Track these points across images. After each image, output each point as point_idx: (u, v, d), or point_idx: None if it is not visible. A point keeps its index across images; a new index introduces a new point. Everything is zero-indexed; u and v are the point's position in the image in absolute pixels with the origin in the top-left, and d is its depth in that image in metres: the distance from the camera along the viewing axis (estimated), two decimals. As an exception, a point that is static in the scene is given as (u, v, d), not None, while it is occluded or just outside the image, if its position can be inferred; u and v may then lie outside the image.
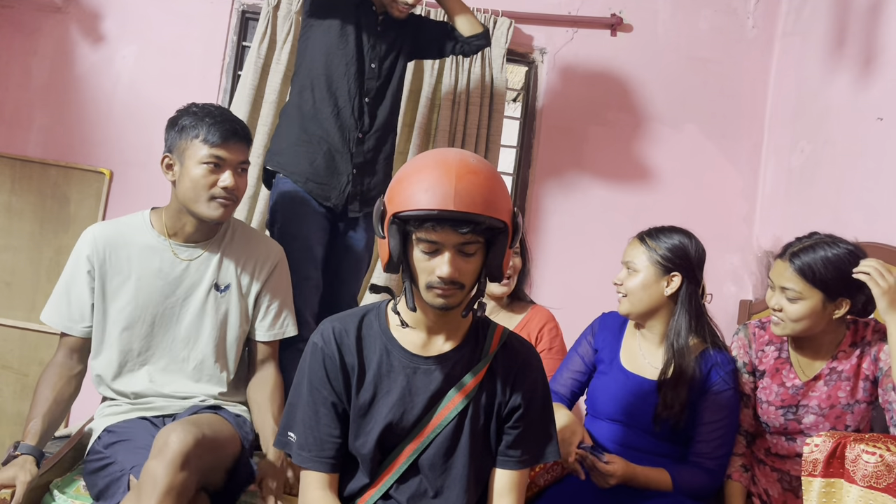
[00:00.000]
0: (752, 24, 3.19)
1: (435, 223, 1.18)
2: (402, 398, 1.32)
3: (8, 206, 2.86)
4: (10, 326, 2.84)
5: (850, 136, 2.64)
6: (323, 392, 1.32)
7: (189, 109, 1.72)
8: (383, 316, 1.37)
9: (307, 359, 1.35)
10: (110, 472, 1.53)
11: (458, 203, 1.17)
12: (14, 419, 2.82)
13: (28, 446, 1.57)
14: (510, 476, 1.35)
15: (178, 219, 1.74)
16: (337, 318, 1.37)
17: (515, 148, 3.17)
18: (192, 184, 1.68)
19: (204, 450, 1.41)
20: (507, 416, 1.36)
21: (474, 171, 1.21)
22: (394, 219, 1.22)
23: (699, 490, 1.70)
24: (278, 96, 2.82)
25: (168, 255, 1.74)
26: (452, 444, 1.33)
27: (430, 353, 1.33)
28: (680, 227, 1.85)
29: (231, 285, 1.78)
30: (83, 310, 1.72)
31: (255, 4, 2.97)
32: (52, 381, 1.69)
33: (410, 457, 1.32)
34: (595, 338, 1.93)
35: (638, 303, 1.79)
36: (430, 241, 1.21)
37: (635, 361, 1.84)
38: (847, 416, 1.74)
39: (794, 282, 1.68)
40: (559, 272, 3.09)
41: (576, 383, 1.93)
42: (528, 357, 1.39)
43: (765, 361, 1.84)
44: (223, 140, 1.67)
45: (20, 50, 2.89)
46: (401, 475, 1.33)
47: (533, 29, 3.09)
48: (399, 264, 1.25)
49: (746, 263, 3.13)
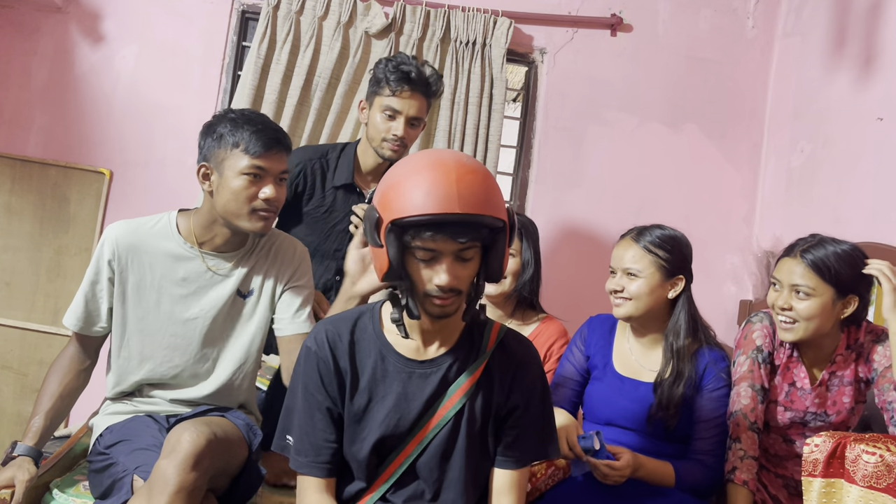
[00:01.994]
0: (752, 24, 3.19)
1: (435, 230, 1.14)
2: (398, 403, 1.30)
3: (8, 206, 2.86)
4: (10, 326, 2.84)
5: (850, 136, 2.64)
6: (318, 397, 1.31)
7: (227, 115, 1.63)
8: (377, 319, 1.35)
9: (301, 363, 1.33)
10: (112, 473, 1.52)
11: (462, 205, 1.13)
12: (14, 419, 2.82)
13: (25, 447, 1.57)
14: (510, 476, 1.34)
15: (210, 229, 1.67)
16: (330, 322, 1.35)
17: (515, 148, 3.17)
18: (234, 196, 1.59)
19: (215, 451, 1.40)
20: (505, 417, 1.34)
21: (472, 170, 1.18)
22: (391, 226, 1.18)
23: (700, 485, 1.71)
24: (278, 96, 2.83)
25: (195, 264, 1.68)
26: (449, 446, 1.31)
27: (426, 356, 1.32)
28: (665, 224, 1.83)
29: (254, 291, 1.72)
30: (101, 312, 1.69)
31: (255, 4, 2.97)
32: (60, 376, 1.69)
33: (407, 460, 1.31)
34: (585, 344, 1.91)
35: (643, 307, 1.76)
36: (427, 249, 1.18)
37: (629, 365, 1.84)
38: (851, 420, 1.77)
39: (808, 278, 1.66)
40: (559, 272, 3.09)
41: (573, 392, 1.90)
42: (527, 355, 1.37)
43: (780, 357, 1.80)
44: (266, 150, 1.58)
45: (20, 50, 2.89)
46: (398, 479, 1.32)
47: (533, 29, 3.09)
48: (399, 273, 1.21)
49: (746, 263, 3.13)
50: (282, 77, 2.83)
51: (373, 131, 2.05)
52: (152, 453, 1.46)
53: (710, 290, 3.05)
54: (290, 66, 2.86)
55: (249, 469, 1.57)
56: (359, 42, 2.90)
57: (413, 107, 2.02)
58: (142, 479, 1.45)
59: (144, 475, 1.44)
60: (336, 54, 2.87)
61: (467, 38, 2.95)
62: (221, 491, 1.55)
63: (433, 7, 2.93)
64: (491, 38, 2.97)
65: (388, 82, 1.99)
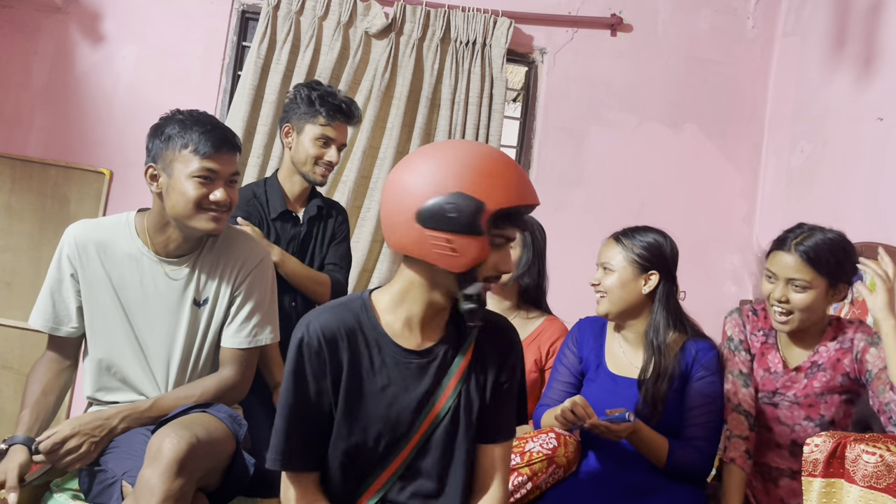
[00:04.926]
0: (752, 24, 3.20)
1: (523, 219, 1.28)
2: (396, 395, 1.29)
3: (8, 206, 2.86)
4: (10, 326, 2.84)
5: (850, 136, 2.64)
6: (307, 390, 1.27)
7: (174, 117, 1.61)
8: (370, 308, 1.32)
9: (292, 355, 1.29)
10: (102, 480, 1.51)
11: (536, 196, 1.27)
12: (14, 419, 2.81)
13: (17, 437, 1.55)
14: (499, 449, 1.36)
15: (163, 231, 1.64)
16: (321, 311, 1.32)
17: (515, 148, 3.18)
18: (183, 198, 1.56)
19: (199, 454, 1.38)
20: (493, 392, 1.35)
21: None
22: (496, 214, 1.21)
23: (690, 466, 1.73)
24: (278, 96, 2.83)
25: (149, 266, 1.65)
26: (452, 434, 1.31)
27: (422, 346, 1.31)
28: (653, 226, 1.86)
29: (209, 299, 1.70)
30: (69, 312, 1.67)
31: (255, 4, 2.97)
32: (39, 376, 1.67)
33: (411, 454, 1.30)
34: (577, 345, 1.93)
35: (617, 301, 1.80)
36: (508, 237, 1.26)
37: (620, 364, 1.85)
38: (821, 406, 1.76)
39: (803, 272, 1.69)
40: (559, 272, 3.08)
41: (567, 395, 1.91)
42: (506, 329, 1.40)
43: (754, 345, 1.87)
44: (216, 150, 1.56)
45: (20, 50, 2.89)
46: (401, 473, 1.31)
47: (533, 29, 3.09)
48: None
49: (746, 263, 3.13)
50: (282, 77, 2.83)
51: (302, 155, 2.12)
52: (140, 458, 1.43)
53: (710, 290, 3.05)
54: (290, 66, 2.87)
55: (238, 460, 1.55)
56: (359, 42, 2.91)
57: (344, 134, 2.16)
58: (130, 486, 1.43)
59: (133, 480, 1.42)
60: (336, 54, 2.88)
61: (467, 38, 2.95)
62: (214, 486, 1.53)
63: (433, 7, 2.93)
64: (491, 38, 2.97)
65: (321, 113, 2.09)
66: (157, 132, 1.60)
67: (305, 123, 2.11)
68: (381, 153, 2.94)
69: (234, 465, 1.55)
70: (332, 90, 2.15)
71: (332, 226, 2.24)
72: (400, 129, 2.92)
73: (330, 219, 2.24)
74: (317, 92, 2.11)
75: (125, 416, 1.58)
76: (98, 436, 1.53)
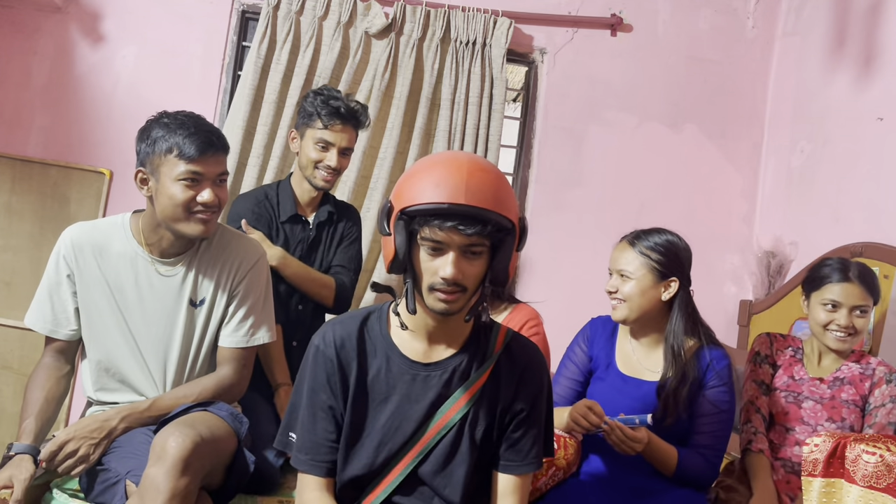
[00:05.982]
0: (752, 24, 3.20)
1: (442, 221, 1.16)
2: (401, 406, 1.30)
3: (8, 206, 2.86)
4: (10, 326, 2.84)
5: (850, 136, 2.64)
6: (322, 396, 1.31)
7: (159, 120, 1.60)
8: (385, 319, 1.35)
9: (308, 361, 1.33)
10: (105, 479, 1.52)
11: (468, 197, 1.16)
12: (14, 419, 2.82)
13: (23, 445, 1.56)
14: (513, 480, 1.34)
15: (156, 232, 1.65)
16: (339, 321, 1.35)
17: (515, 148, 3.18)
18: (171, 202, 1.57)
19: (203, 452, 1.39)
20: (510, 421, 1.34)
21: (485, 169, 1.21)
22: (401, 215, 1.20)
23: (698, 475, 1.73)
24: (278, 96, 2.83)
25: (144, 267, 1.66)
26: (453, 450, 1.31)
27: (431, 359, 1.31)
28: (664, 228, 1.84)
29: (206, 299, 1.70)
30: (68, 314, 1.67)
31: (255, 4, 2.97)
32: (41, 382, 1.67)
33: (409, 465, 1.31)
34: (588, 344, 1.92)
35: (636, 308, 1.77)
36: (435, 240, 1.19)
37: (631, 365, 1.85)
38: (843, 410, 1.85)
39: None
40: (559, 272, 3.09)
41: (574, 392, 1.92)
42: (533, 359, 1.37)
43: (781, 359, 2.01)
44: (200, 153, 1.55)
45: (20, 50, 2.89)
46: (400, 483, 1.31)
47: (533, 29, 3.09)
48: (404, 263, 1.23)
49: (746, 263, 3.13)
50: (282, 77, 2.83)
51: (305, 160, 2.15)
52: (143, 457, 1.44)
53: (710, 290, 3.05)
54: (290, 66, 2.87)
55: (239, 458, 1.56)
56: (359, 42, 2.91)
57: (344, 139, 2.15)
58: (134, 485, 1.44)
59: (136, 479, 1.42)
60: (336, 54, 2.88)
61: (467, 38, 2.95)
62: (217, 485, 1.54)
63: (433, 7, 2.93)
64: (491, 38, 2.97)
65: (319, 116, 2.10)
66: (144, 136, 1.61)
67: (306, 128, 2.14)
68: (381, 153, 2.94)
69: (236, 462, 1.56)
70: (337, 94, 2.15)
71: (342, 229, 2.27)
72: (400, 130, 2.92)
73: (340, 223, 2.26)
74: (321, 97, 2.12)
75: (125, 417, 1.58)
76: (96, 438, 1.53)
